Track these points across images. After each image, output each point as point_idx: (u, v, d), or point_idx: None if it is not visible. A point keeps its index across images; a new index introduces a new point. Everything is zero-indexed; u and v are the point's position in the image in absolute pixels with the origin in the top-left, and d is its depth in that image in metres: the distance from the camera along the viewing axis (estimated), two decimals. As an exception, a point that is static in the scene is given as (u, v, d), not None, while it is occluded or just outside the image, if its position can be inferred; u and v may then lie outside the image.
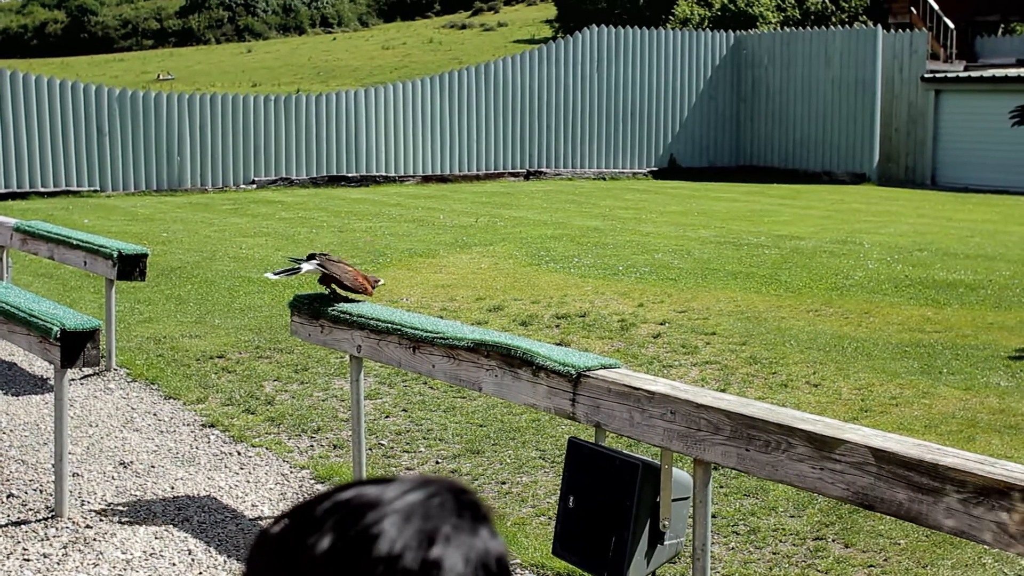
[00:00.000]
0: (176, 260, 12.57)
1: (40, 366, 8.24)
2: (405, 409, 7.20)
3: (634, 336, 9.01)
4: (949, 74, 24.17)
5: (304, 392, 7.59)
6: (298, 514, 1.01)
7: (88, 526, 5.36)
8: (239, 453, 6.45)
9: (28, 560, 5.00)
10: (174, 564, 4.97)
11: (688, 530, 4.26)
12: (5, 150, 19.38)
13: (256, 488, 5.92)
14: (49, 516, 5.49)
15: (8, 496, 5.75)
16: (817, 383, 7.67)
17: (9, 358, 8.52)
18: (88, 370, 8.01)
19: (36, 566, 4.94)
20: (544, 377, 4.43)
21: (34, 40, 76.87)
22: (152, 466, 6.22)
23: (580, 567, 4.31)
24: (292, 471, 6.15)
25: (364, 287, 5.64)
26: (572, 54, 23.88)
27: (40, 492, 5.81)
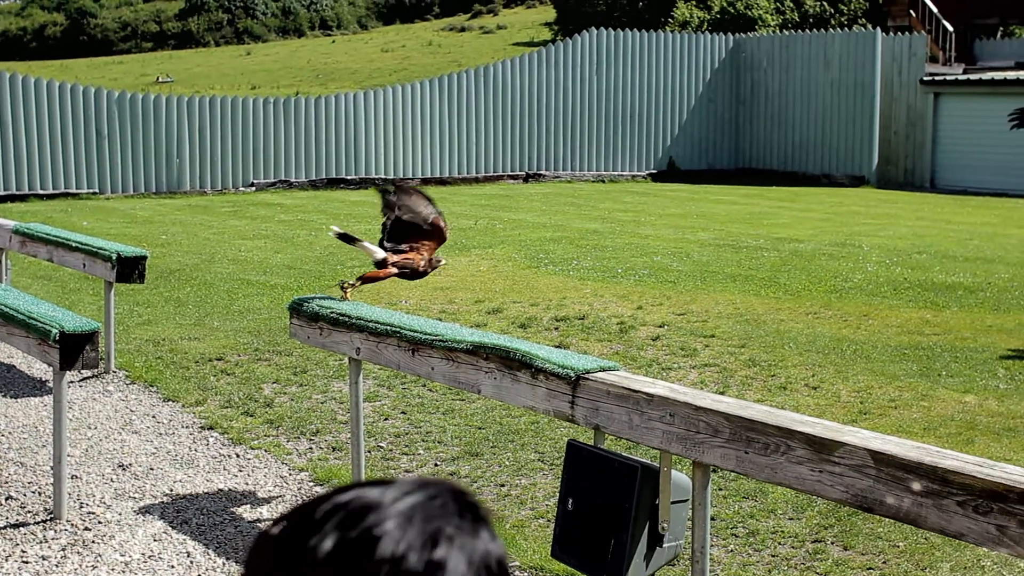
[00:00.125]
0: (175, 262, 12.57)
1: (39, 368, 8.23)
2: (404, 411, 7.20)
3: (633, 338, 9.01)
4: (948, 77, 24.18)
5: (303, 394, 7.59)
6: (298, 516, 1.01)
7: (87, 528, 5.36)
8: (238, 455, 6.45)
9: (27, 562, 4.99)
10: (173, 566, 4.97)
11: (687, 532, 4.26)
12: (4, 152, 19.38)
13: (255, 490, 5.91)
14: (48, 518, 5.48)
15: (7, 498, 5.75)
16: (816, 385, 7.67)
17: (8, 360, 8.52)
18: (87, 372, 8.01)
19: (35, 568, 4.94)
20: (543, 379, 4.43)
21: (33, 42, 76.86)
22: (151, 468, 6.21)
23: (579, 569, 4.31)
24: (291, 473, 6.15)
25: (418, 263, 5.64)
26: (571, 57, 23.89)
27: (39, 494, 5.81)
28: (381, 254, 5.63)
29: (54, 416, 5.50)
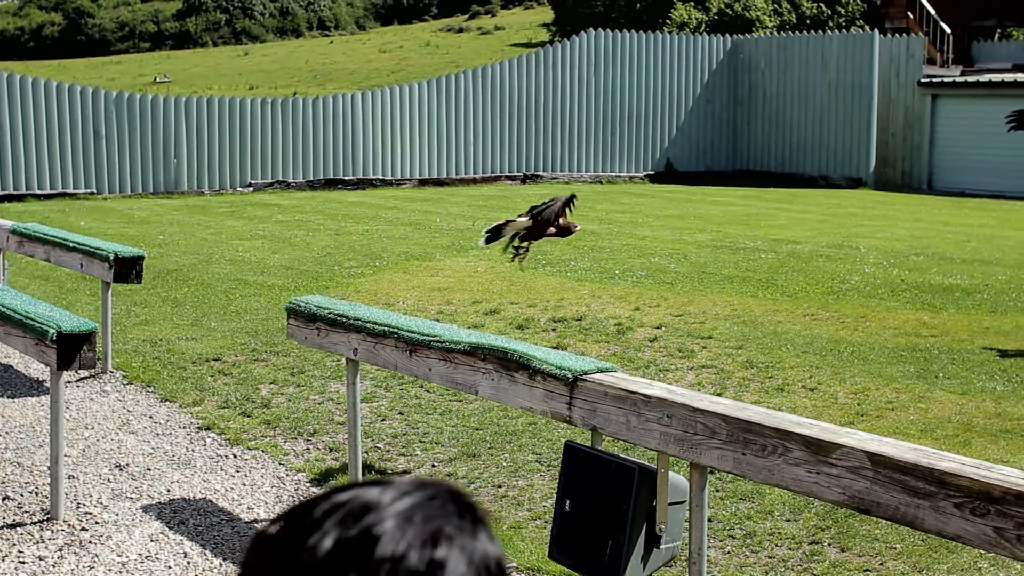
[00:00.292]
0: (172, 263, 12.56)
1: (36, 368, 8.23)
2: (401, 412, 7.20)
3: (630, 340, 9.01)
4: (946, 79, 24.19)
5: (300, 395, 7.59)
6: (296, 515, 1.00)
7: (84, 529, 5.35)
8: (235, 456, 6.44)
9: (23, 563, 4.99)
10: (170, 567, 4.97)
11: (684, 534, 4.26)
12: (2, 152, 19.36)
13: (252, 491, 5.91)
14: (45, 519, 5.48)
15: (4, 498, 5.75)
16: (813, 387, 7.67)
17: (5, 360, 8.51)
18: (84, 372, 8.01)
19: (31, 569, 4.93)
20: (541, 381, 4.43)
21: (31, 42, 76.79)
22: (148, 469, 6.21)
23: (576, 571, 4.31)
24: (288, 474, 6.15)
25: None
26: (569, 58, 23.89)
27: (36, 494, 5.81)
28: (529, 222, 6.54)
29: (51, 416, 5.49)
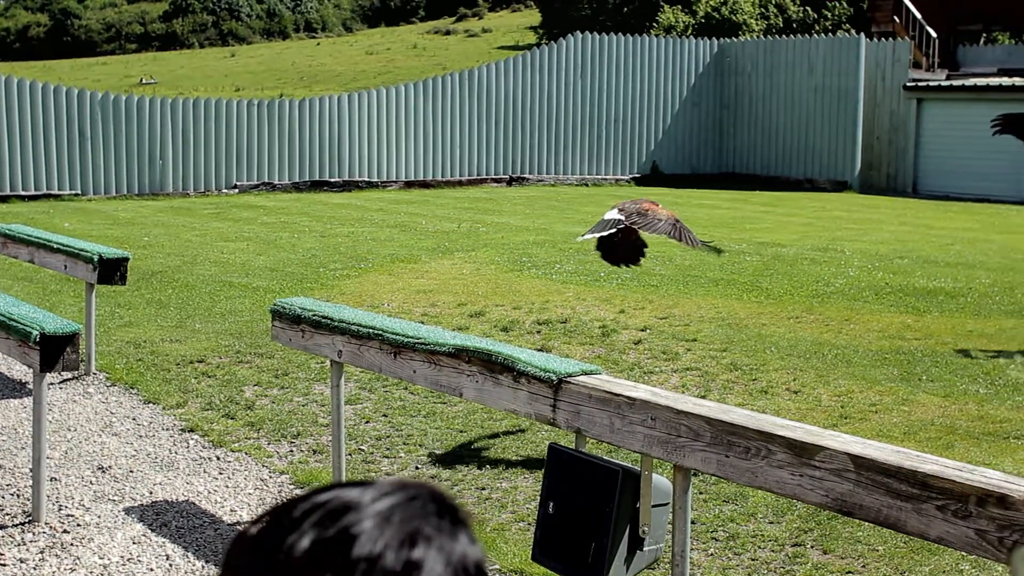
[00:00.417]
0: (157, 264, 12.53)
1: (19, 370, 8.20)
2: (385, 414, 7.19)
3: (615, 342, 9.01)
4: (931, 83, 24.28)
5: (284, 397, 7.57)
6: (276, 515, 1.00)
7: (66, 531, 5.33)
8: (218, 458, 6.43)
9: (4, 565, 4.97)
10: (152, 569, 4.95)
11: (668, 536, 4.26)
12: (-14, 153, 19.30)
13: (235, 493, 5.90)
14: (26, 521, 5.46)
15: (-15, 500, 5.72)
16: (797, 390, 7.69)
17: (-12, 362, 8.48)
18: (67, 374, 7.98)
19: (12, 571, 4.91)
20: (525, 383, 4.43)
21: (16, 43, 76.55)
22: (131, 471, 6.19)
23: (559, 573, 4.30)
24: (271, 476, 6.14)
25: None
26: (556, 61, 23.92)
27: (17, 496, 5.78)
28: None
29: (34, 418, 5.47)
